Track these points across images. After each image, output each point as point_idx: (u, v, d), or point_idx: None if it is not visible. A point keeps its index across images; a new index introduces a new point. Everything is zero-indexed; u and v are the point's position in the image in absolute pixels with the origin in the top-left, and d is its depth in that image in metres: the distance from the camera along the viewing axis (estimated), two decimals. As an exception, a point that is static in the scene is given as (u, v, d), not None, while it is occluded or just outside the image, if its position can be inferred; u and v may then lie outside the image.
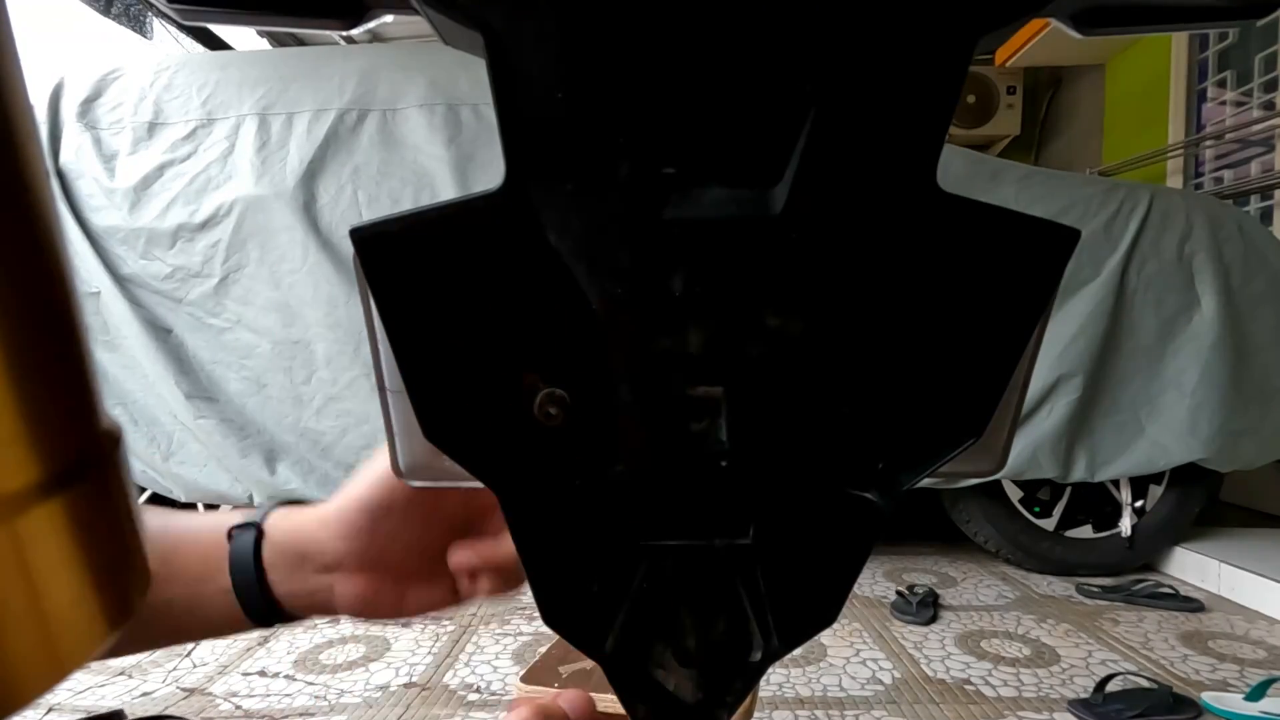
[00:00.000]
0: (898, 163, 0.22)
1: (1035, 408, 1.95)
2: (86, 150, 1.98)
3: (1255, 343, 1.96)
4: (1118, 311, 1.94)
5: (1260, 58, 2.77)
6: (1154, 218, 1.95)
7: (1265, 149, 2.76)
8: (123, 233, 1.96)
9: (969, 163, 2.02)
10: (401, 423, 0.29)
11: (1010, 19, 0.20)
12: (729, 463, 0.26)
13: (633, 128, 0.21)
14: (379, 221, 0.23)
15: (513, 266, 0.24)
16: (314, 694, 1.49)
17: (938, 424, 0.26)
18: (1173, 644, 1.71)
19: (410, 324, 0.25)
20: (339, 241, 1.94)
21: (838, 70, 0.21)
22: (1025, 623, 1.82)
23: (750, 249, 0.23)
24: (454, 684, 1.52)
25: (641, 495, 0.27)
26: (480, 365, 0.26)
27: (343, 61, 2.05)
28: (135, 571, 0.14)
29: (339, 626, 1.82)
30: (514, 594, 0.37)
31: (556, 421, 0.26)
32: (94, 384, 0.13)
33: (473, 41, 0.21)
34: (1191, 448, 1.94)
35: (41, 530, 0.11)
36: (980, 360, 0.26)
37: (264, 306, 1.95)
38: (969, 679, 1.54)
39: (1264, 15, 0.22)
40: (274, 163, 1.95)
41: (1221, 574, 2.01)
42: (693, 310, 0.24)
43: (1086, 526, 2.14)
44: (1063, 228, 0.24)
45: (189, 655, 1.68)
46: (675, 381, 0.25)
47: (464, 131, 1.95)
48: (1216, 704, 1.40)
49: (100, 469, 0.13)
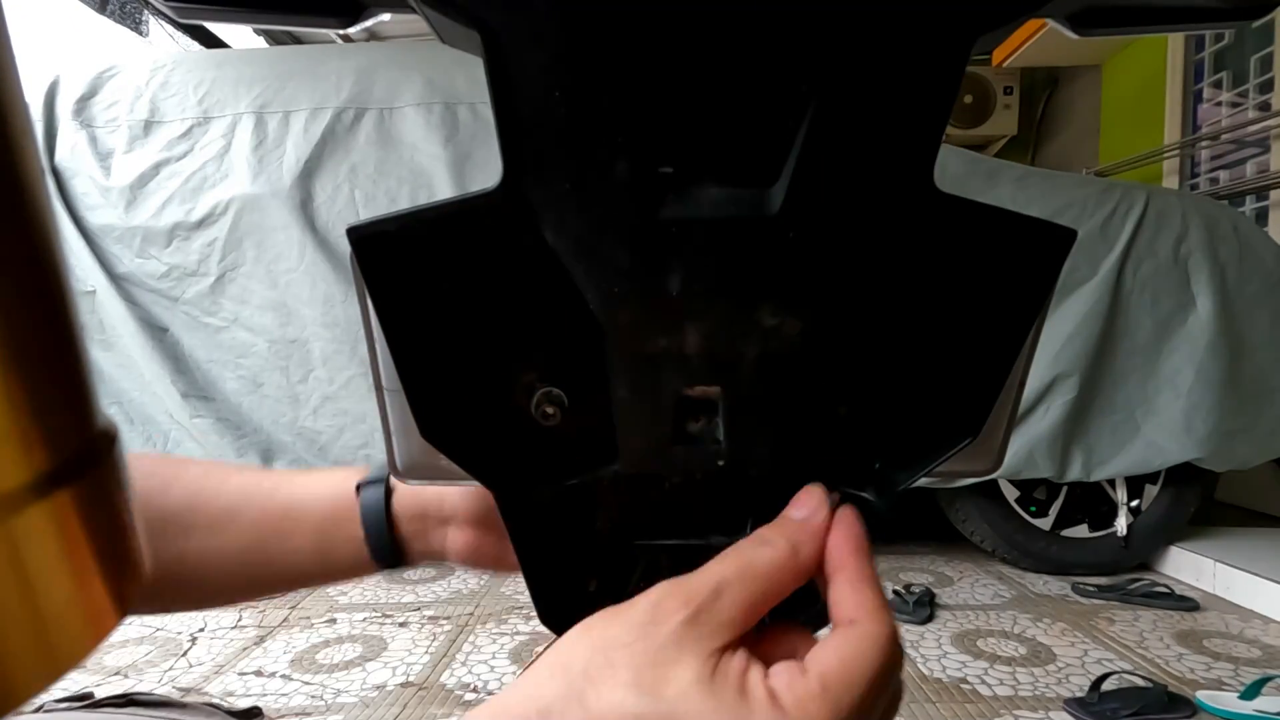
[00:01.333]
0: (895, 163, 0.22)
1: (1031, 407, 1.95)
2: (82, 148, 1.97)
3: (1250, 343, 1.97)
4: (1114, 312, 1.94)
5: (1256, 59, 2.78)
6: (1150, 218, 1.95)
7: (1260, 149, 2.77)
8: (118, 231, 1.95)
9: (966, 163, 2.02)
10: (399, 422, 0.29)
11: (1007, 19, 0.20)
12: (726, 462, 0.26)
13: (630, 127, 0.21)
14: (376, 220, 0.23)
15: (510, 266, 0.24)
16: (311, 693, 1.49)
17: (934, 424, 0.26)
18: (1168, 643, 1.71)
19: (407, 323, 0.25)
20: (336, 240, 1.93)
21: (835, 70, 0.21)
22: (1021, 622, 1.83)
23: (747, 248, 0.23)
24: (451, 683, 1.52)
25: (638, 494, 0.27)
26: (477, 365, 0.26)
27: (339, 60, 2.05)
28: (131, 570, 0.14)
29: (335, 626, 1.81)
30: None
31: (554, 421, 0.26)
32: (90, 383, 0.13)
33: (470, 40, 0.21)
34: (1187, 447, 1.94)
35: (37, 529, 0.11)
36: (977, 360, 0.26)
37: (260, 305, 1.95)
38: (965, 678, 1.54)
39: (1260, 16, 0.22)
40: (270, 161, 1.94)
41: (1217, 573, 2.01)
42: (690, 310, 0.24)
43: (1082, 526, 2.15)
44: (1059, 228, 0.24)
45: (185, 655, 1.67)
46: (672, 381, 0.25)
47: (461, 130, 1.95)
48: (1211, 703, 1.40)
49: (96, 468, 0.13)
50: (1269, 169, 2.68)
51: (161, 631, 1.80)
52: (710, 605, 0.22)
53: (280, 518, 0.41)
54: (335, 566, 0.42)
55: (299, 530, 0.41)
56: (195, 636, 1.77)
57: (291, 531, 0.41)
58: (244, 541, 0.41)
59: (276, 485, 0.42)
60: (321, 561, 0.41)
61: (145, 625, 1.83)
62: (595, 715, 0.21)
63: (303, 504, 0.41)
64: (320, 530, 0.41)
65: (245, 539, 0.41)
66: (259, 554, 0.41)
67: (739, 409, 0.26)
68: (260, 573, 0.41)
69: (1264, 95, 2.75)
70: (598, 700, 0.22)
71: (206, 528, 0.40)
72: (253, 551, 0.41)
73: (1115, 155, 3.42)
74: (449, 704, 1.44)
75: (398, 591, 2.04)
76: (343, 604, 1.96)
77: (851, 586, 0.23)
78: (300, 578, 0.42)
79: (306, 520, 0.41)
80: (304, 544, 0.41)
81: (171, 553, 0.40)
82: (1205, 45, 3.04)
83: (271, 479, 0.42)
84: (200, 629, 1.81)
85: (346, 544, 0.42)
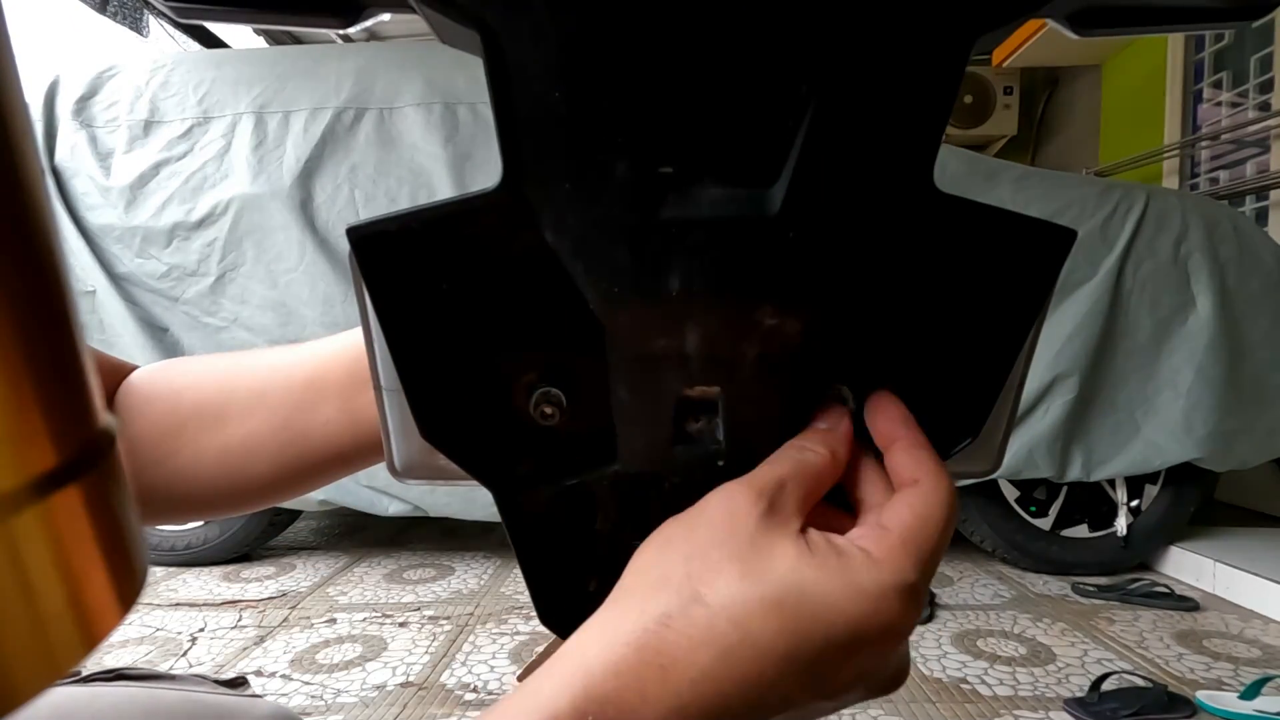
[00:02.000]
0: (895, 163, 0.22)
1: (1031, 407, 1.95)
2: (82, 148, 1.97)
3: (1250, 343, 1.97)
4: (1114, 312, 1.94)
5: (1256, 59, 2.78)
6: (1150, 218, 1.95)
7: (1260, 149, 2.77)
8: (118, 231, 1.95)
9: (966, 163, 2.02)
10: (397, 421, 0.29)
11: (1007, 19, 0.20)
12: (726, 462, 0.26)
13: (630, 127, 0.21)
14: (375, 220, 0.23)
15: (510, 266, 0.24)
16: (310, 694, 1.49)
17: (934, 424, 0.26)
18: (1168, 643, 1.71)
19: (407, 323, 0.25)
20: (335, 240, 1.93)
21: (835, 70, 0.21)
22: (1021, 622, 1.83)
23: (747, 249, 0.23)
24: (451, 683, 1.52)
25: (638, 495, 0.27)
26: (477, 365, 0.26)
27: (339, 60, 2.05)
28: (132, 569, 0.14)
29: (335, 626, 1.81)
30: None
31: (552, 421, 0.26)
32: (90, 382, 0.13)
33: (470, 40, 0.21)
34: (1187, 447, 1.94)
35: (38, 529, 0.11)
36: (977, 360, 0.26)
37: (260, 305, 1.95)
38: (965, 678, 1.54)
39: (1260, 16, 0.22)
40: (270, 161, 1.94)
41: (1216, 573, 2.01)
42: (690, 310, 0.24)
43: (1082, 526, 2.15)
44: (1059, 228, 0.24)
45: (185, 655, 1.67)
46: (672, 381, 0.25)
47: (461, 130, 1.95)
48: (1211, 703, 1.40)
49: (96, 467, 0.13)
50: (1269, 169, 2.68)
51: (161, 631, 1.80)
52: (779, 497, 0.24)
53: (304, 388, 0.40)
54: (365, 436, 0.40)
55: (324, 399, 0.39)
56: (195, 636, 1.77)
57: (317, 402, 0.39)
58: (276, 420, 0.39)
59: (299, 358, 0.41)
60: (353, 430, 0.40)
61: (145, 625, 1.83)
62: (721, 609, 0.22)
63: (324, 371, 0.40)
64: (344, 395, 0.39)
65: (276, 418, 0.39)
66: (291, 431, 0.40)
67: (739, 409, 0.26)
68: (297, 452, 0.40)
69: (1264, 95, 2.75)
70: (717, 596, 0.23)
71: (239, 415, 0.39)
72: (286, 430, 0.40)
73: (1115, 155, 3.43)
74: (449, 704, 1.44)
75: (398, 591, 2.04)
76: (343, 604, 1.96)
77: (908, 453, 0.25)
78: (338, 456, 0.41)
79: (329, 387, 0.40)
80: (332, 413, 0.39)
81: (215, 445, 0.39)
82: (1205, 45, 3.04)
83: (295, 353, 0.41)
84: (200, 629, 1.81)
85: (370, 406, 0.40)
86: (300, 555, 2.37)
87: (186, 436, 0.39)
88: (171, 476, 0.39)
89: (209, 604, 1.96)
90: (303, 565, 2.27)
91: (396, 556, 2.35)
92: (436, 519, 2.11)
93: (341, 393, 0.39)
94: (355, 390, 0.39)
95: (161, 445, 0.39)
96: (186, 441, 0.39)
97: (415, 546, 2.45)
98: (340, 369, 0.39)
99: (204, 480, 0.40)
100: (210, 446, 0.39)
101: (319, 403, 0.39)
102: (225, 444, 0.39)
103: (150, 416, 0.39)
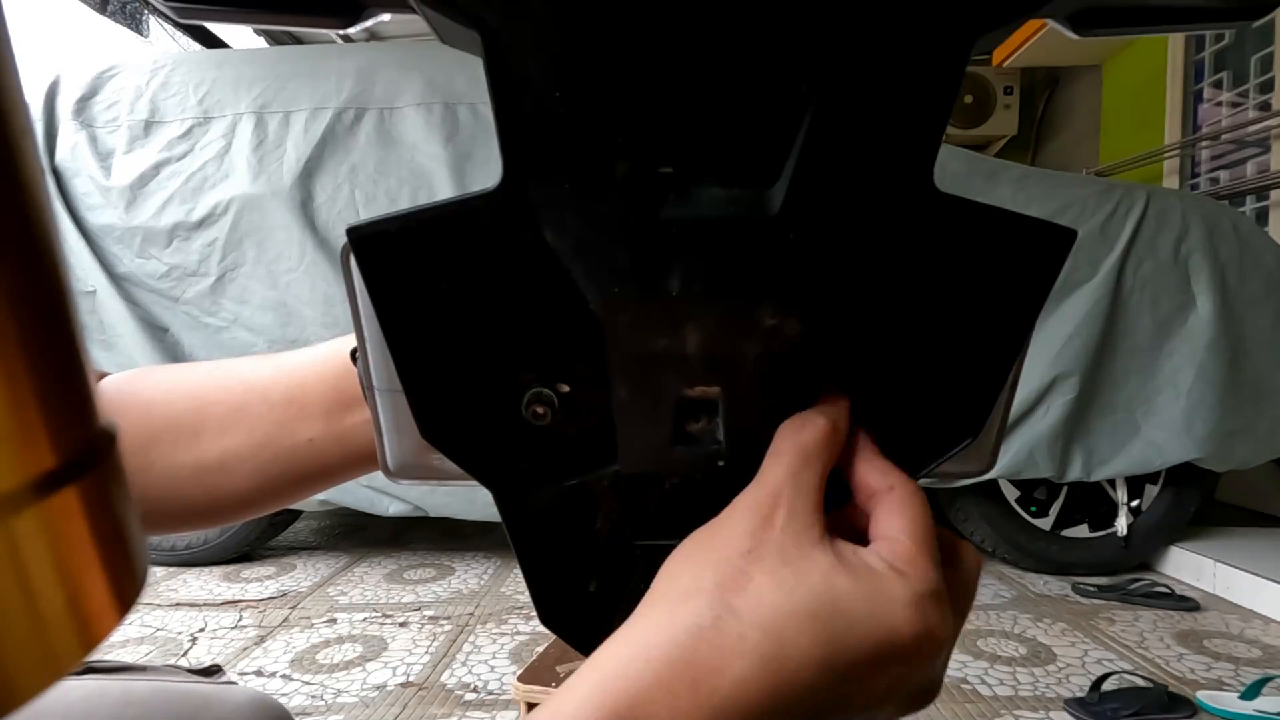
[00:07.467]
0: (895, 163, 0.22)
1: (1032, 407, 1.95)
2: (82, 148, 1.97)
3: (1250, 343, 1.96)
4: (1114, 312, 1.94)
5: (1256, 59, 2.77)
6: (1150, 218, 1.95)
7: (1261, 149, 2.76)
8: (118, 231, 1.95)
9: (966, 163, 2.02)
10: (390, 421, 0.29)
11: (1007, 19, 0.20)
12: (726, 463, 0.26)
13: (630, 127, 0.21)
14: (376, 220, 0.23)
15: (510, 266, 0.24)
16: (311, 694, 1.49)
17: (934, 424, 0.26)
18: (1168, 643, 1.71)
19: (407, 323, 0.25)
20: (336, 240, 1.93)
21: (835, 70, 0.21)
22: (1022, 622, 1.83)
23: (747, 249, 0.23)
24: (451, 683, 1.52)
25: (638, 495, 0.27)
26: (477, 365, 0.26)
27: (339, 60, 2.05)
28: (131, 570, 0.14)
29: (336, 626, 1.81)
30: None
31: (545, 421, 0.26)
32: (90, 383, 0.13)
33: (470, 40, 0.21)
34: (1187, 447, 1.94)
35: (38, 529, 0.11)
36: (977, 359, 0.26)
37: (260, 305, 1.95)
38: (965, 678, 1.54)
39: (1260, 16, 0.22)
40: (270, 161, 1.94)
41: (1217, 573, 2.01)
42: (690, 310, 0.24)
43: (1083, 526, 2.15)
44: (1060, 228, 0.24)
45: (185, 655, 1.67)
46: (672, 381, 0.25)
47: (461, 130, 1.95)
48: (1212, 703, 1.40)
49: (96, 468, 0.13)
50: (1269, 169, 2.68)
51: (161, 631, 1.80)
52: (795, 497, 0.24)
53: (284, 405, 0.38)
54: (355, 455, 0.39)
55: (307, 417, 0.38)
56: (195, 636, 1.77)
57: (299, 419, 0.38)
58: (255, 438, 0.38)
59: (276, 373, 0.39)
60: (340, 449, 0.39)
61: (145, 625, 1.83)
62: (755, 620, 0.22)
63: (305, 390, 0.39)
64: (329, 415, 0.38)
65: (255, 436, 0.38)
66: (273, 449, 0.39)
67: (739, 409, 0.26)
68: (280, 470, 0.39)
69: (1264, 95, 2.74)
70: (750, 607, 0.22)
71: (214, 432, 0.38)
72: (267, 448, 0.38)
73: (1115, 155, 3.42)
74: (449, 704, 1.44)
75: (398, 591, 2.04)
76: (343, 604, 1.96)
77: (870, 464, 0.26)
78: (323, 473, 0.40)
79: (312, 406, 0.38)
80: (317, 433, 0.38)
81: (189, 461, 0.38)
82: (1205, 45, 3.03)
83: (272, 365, 0.40)
84: (200, 629, 1.81)
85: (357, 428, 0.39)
86: (300, 555, 2.37)
87: (159, 451, 0.38)
88: (143, 492, 0.38)
89: (209, 604, 1.96)
90: (303, 565, 2.27)
91: (397, 556, 2.35)
92: (436, 519, 2.11)
93: (327, 412, 0.38)
94: (341, 409, 0.38)
95: (132, 460, 0.38)
96: (159, 456, 0.38)
97: (415, 546, 2.45)
98: (324, 386, 0.38)
99: (179, 495, 0.39)
100: (185, 462, 0.38)
101: (302, 421, 0.38)
102: (200, 460, 0.38)
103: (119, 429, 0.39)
